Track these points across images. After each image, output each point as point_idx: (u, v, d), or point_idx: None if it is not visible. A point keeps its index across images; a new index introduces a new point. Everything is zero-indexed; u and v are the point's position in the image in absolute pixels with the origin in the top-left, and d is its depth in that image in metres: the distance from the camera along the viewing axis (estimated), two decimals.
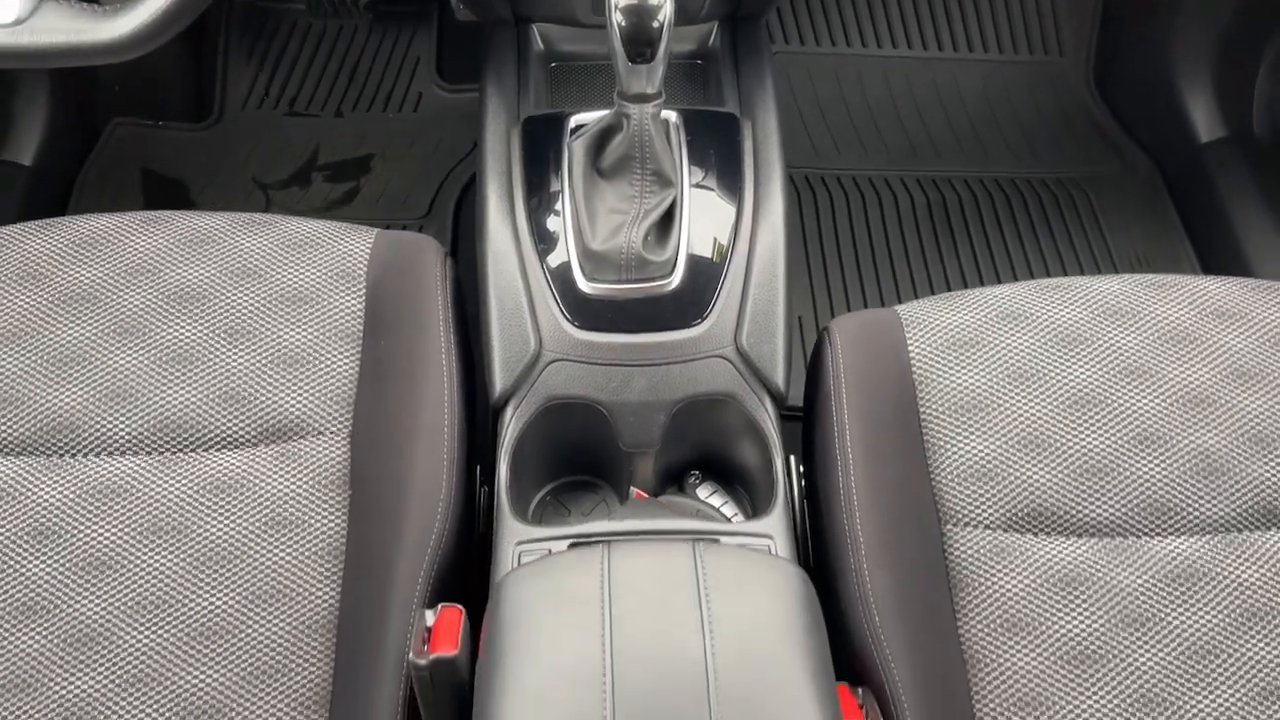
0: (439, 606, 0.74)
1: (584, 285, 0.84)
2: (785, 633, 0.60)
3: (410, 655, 0.70)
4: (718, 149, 0.93)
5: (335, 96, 1.62)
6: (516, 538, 0.81)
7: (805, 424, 0.90)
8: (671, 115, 0.93)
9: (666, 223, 0.86)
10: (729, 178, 0.92)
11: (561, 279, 0.86)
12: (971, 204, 1.50)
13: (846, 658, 0.76)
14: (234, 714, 0.74)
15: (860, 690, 0.75)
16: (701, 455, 0.90)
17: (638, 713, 0.56)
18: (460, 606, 0.73)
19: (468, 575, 0.84)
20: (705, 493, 0.92)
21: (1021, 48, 1.63)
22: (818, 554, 0.83)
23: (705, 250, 0.87)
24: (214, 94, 1.62)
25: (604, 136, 0.86)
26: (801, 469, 0.91)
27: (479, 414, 0.90)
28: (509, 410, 0.85)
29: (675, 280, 0.84)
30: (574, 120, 0.94)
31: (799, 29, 1.63)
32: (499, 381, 0.84)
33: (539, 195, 0.91)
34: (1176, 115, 1.48)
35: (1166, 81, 1.49)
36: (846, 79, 1.62)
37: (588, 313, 0.84)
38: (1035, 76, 1.63)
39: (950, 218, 1.48)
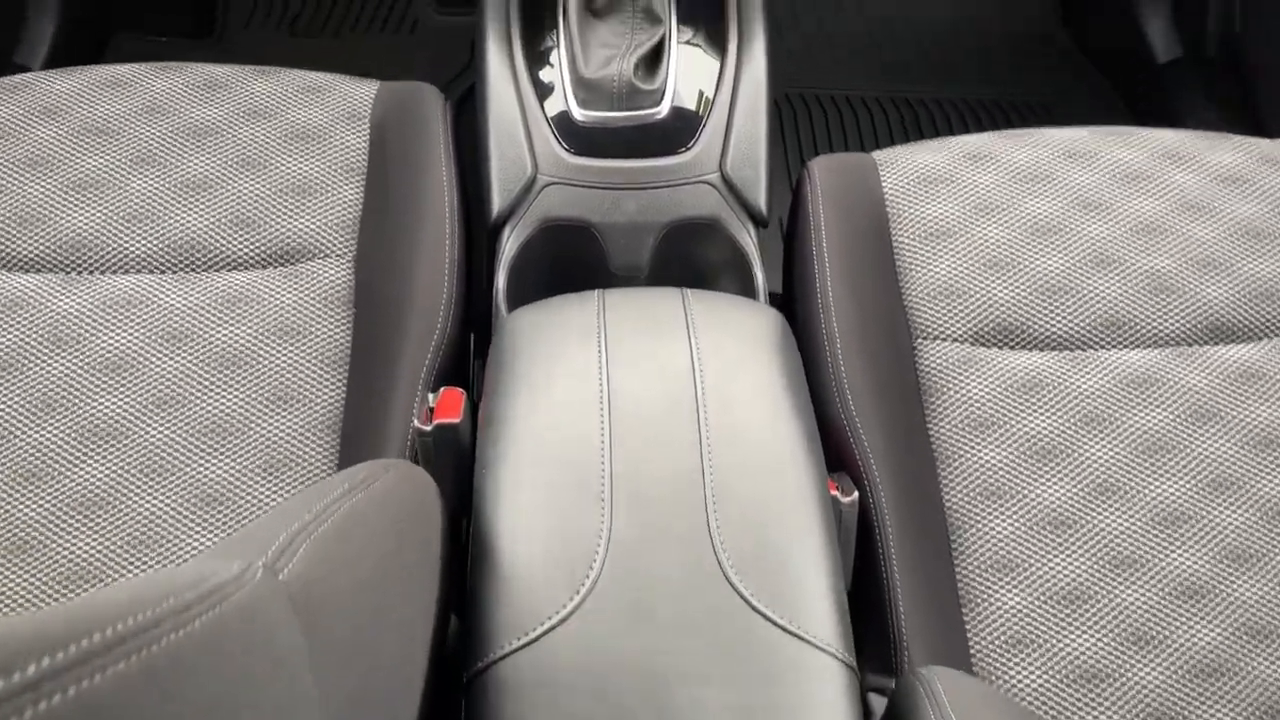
0: (441, 389, 0.78)
1: (578, 113, 0.90)
2: (768, 360, 0.65)
3: (416, 423, 0.75)
4: (705, 4, 0.99)
5: (335, 19, 1.68)
6: None
7: (786, 242, 0.95)
8: None
9: (656, 57, 0.91)
10: (714, 26, 0.98)
11: (557, 110, 0.91)
12: (943, 121, 1.57)
13: (823, 444, 0.81)
14: (243, 502, 0.78)
15: (837, 475, 0.80)
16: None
17: (633, 431, 0.60)
18: (461, 389, 0.78)
19: (468, 386, 0.89)
20: None
21: None
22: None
23: (692, 85, 0.93)
24: (216, 12, 1.67)
25: None
26: None
27: (475, 246, 0.95)
28: (507, 230, 0.90)
29: (664, 109, 0.90)
30: None
31: None
32: (497, 202, 0.89)
33: (535, 48, 0.96)
34: (1136, 38, 1.56)
35: (1127, 6, 1.57)
36: (824, 2, 1.69)
37: (581, 139, 0.90)
38: (1004, 3, 1.71)
39: (923, 134, 1.55)
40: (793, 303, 0.94)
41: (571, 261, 0.90)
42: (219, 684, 0.30)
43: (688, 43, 0.98)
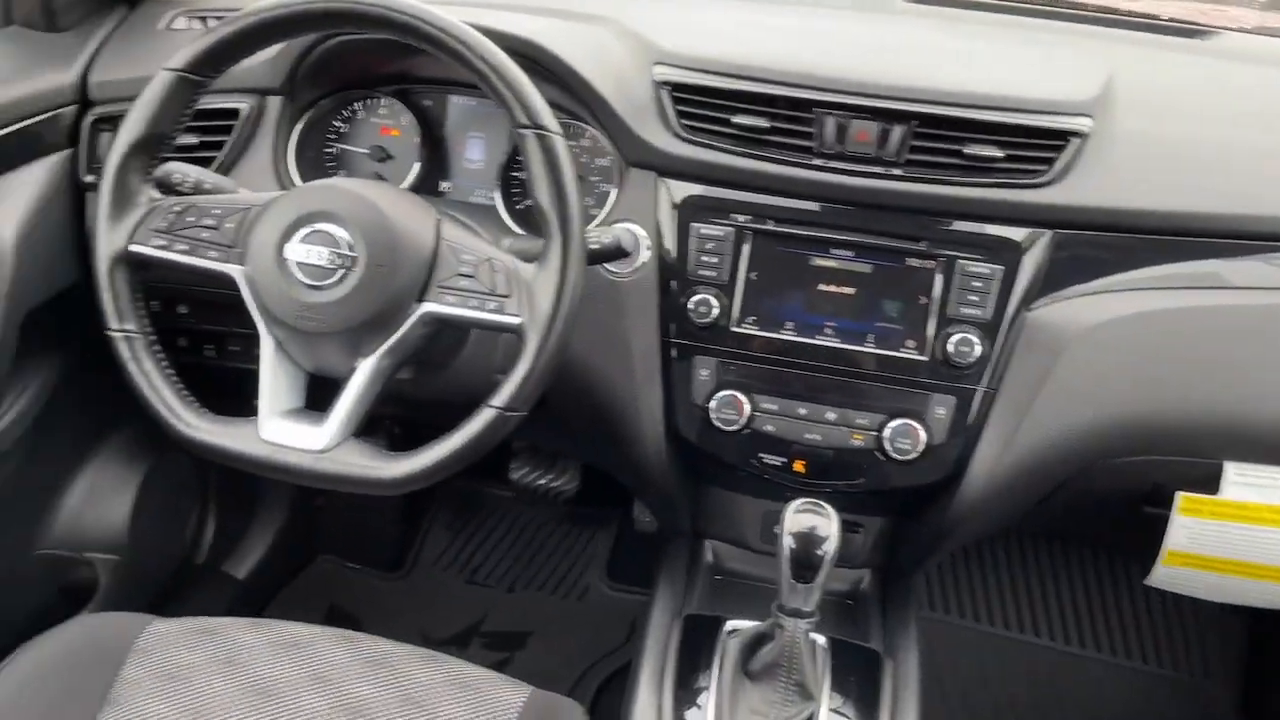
0: None
1: None
2: None
3: None
4: (858, 681, 0.99)
5: (513, 574, 1.79)
6: None
7: None
8: (820, 639, 1.01)
9: None
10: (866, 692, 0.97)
11: None
12: None
13: None
14: None
15: None
16: None
17: None
18: None
19: None
20: None
21: (1167, 662, 1.65)
22: None
23: None
24: (409, 553, 1.81)
25: (757, 642, 0.95)
26: None
27: None
28: None
29: None
30: (731, 624, 1.03)
31: (945, 598, 1.72)
32: None
33: (687, 686, 0.98)
34: None
35: None
36: (989, 659, 1.66)
37: None
38: (1182, 693, 1.62)
39: None
40: None
41: None
42: None
43: (837, 710, 0.97)
